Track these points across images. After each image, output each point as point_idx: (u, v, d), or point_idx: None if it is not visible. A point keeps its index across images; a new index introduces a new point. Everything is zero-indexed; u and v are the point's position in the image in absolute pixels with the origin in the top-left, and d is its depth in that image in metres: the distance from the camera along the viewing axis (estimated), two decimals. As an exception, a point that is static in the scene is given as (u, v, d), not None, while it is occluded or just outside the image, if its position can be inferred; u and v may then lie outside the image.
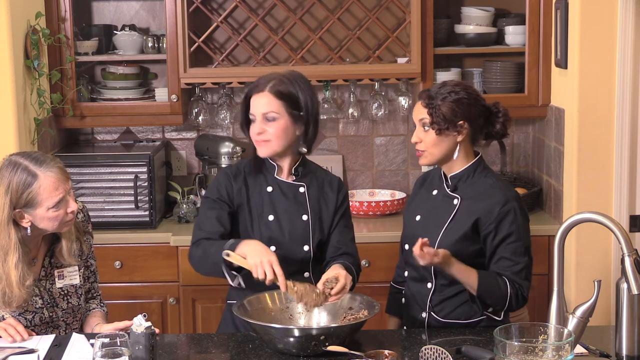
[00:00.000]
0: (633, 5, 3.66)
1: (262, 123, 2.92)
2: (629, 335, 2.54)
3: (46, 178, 2.71)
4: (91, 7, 4.53)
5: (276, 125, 2.92)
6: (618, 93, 3.73)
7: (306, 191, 3.02)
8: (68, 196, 2.76)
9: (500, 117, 2.92)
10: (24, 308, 2.81)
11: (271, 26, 4.43)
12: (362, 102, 4.56)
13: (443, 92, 2.87)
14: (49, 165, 2.74)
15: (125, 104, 4.34)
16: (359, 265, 3.04)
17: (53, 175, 2.72)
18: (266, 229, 2.96)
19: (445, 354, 2.43)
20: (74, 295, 2.93)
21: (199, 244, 2.92)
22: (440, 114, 2.84)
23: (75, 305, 2.93)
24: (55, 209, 2.73)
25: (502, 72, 4.32)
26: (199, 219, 3.02)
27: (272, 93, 2.91)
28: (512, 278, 2.83)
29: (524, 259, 2.85)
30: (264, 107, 2.91)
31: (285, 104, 2.92)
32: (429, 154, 2.90)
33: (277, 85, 2.92)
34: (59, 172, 2.75)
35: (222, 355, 2.73)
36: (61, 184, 2.74)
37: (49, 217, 2.74)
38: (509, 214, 2.83)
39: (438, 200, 2.97)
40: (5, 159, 2.78)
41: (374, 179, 4.67)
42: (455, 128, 2.86)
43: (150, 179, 4.18)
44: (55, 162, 2.76)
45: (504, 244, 2.84)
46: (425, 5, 4.20)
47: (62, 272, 2.90)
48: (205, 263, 2.88)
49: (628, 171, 3.76)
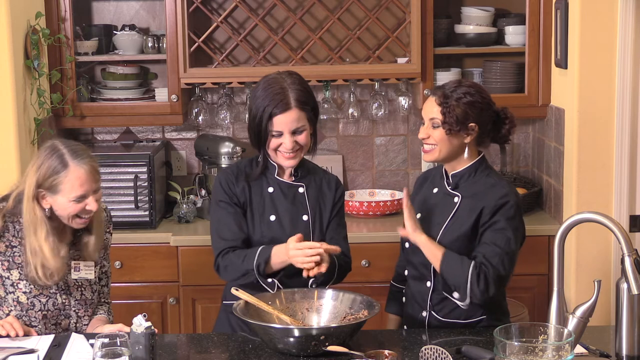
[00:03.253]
0: (633, 5, 3.66)
1: (292, 137, 2.91)
2: (629, 335, 2.54)
3: (75, 171, 2.78)
4: (91, 7, 4.54)
5: (304, 136, 2.94)
6: (618, 93, 3.73)
7: (305, 191, 3.02)
8: (91, 195, 2.82)
9: (507, 123, 2.93)
10: (38, 290, 2.85)
11: (271, 26, 4.43)
12: (362, 102, 4.56)
13: (458, 93, 2.86)
14: (84, 160, 2.81)
15: (125, 104, 4.34)
16: (349, 263, 3.04)
17: (83, 171, 2.79)
18: (268, 230, 2.96)
19: (445, 354, 2.43)
20: (88, 288, 2.97)
21: (224, 256, 2.93)
22: (454, 115, 2.84)
23: (89, 298, 2.97)
24: (75, 202, 2.79)
25: (502, 72, 4.32)
26: (216, 225, 3.00)
27: (298, 108, 2.90)
28: (482, 261, 2.77)
29: (504, 247, 2.79)
30: (294, 124, 2.90)
31: (307, 114, 2.93)
32: (437, 151, 2.89)
33: (300, 98, 2.90)
34: (90, 169, 2.81)
35: (222, 355, 2.73)
36: (88, 182, 2.80)
37: (67, 208, 2.80)
38: (504, 205, 2.82)
39: (439, 198, 2.96)
40: (49, 142, 2.87)
41: (374, 179, 4.67)
42: (466, 130, 2.86)
43: (150, 179, 4.18)
44: (90, 160, 2.83)
45: (490, 230, 2.82)
46: (425, 5, 4.20)
47: (78, 264, 2.94)
48: (235, 275, 2.91)
49: (628, 171, 3.76)
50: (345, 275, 3.02)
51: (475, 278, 2.76)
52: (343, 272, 2.99)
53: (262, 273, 2.85)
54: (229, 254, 2.92)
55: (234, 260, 2.90)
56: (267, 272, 2.86)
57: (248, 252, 2.89)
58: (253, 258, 2.85)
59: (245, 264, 2.86)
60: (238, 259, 2.89)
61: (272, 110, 2.89)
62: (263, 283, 2.88)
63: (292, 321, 2.75)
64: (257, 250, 2.87)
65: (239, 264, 2.88)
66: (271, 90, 2.90)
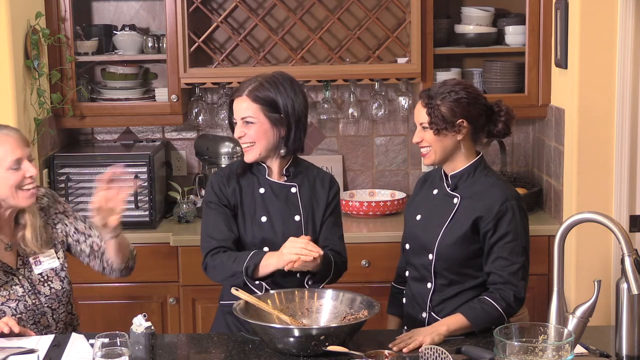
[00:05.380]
0: (633, 5, 3.66)
1: (242, 126, 2.97)
2: (629, 335, 2.54)
3: (5, 138, 2.80)
4: (91, 7, 4.54)
5: (254, 129, 2.96)
6: (618, 93, 3.73)
7: (298, 191, 3.02)
8: (27, 160, 2.83)
9: (502, 115, 2.91)
10: (5, 297, 2.83)
11: (271, 26, 4.43)
12: (362, 102, 4.56)
13: (442, 92, 2.86)
14: (10, 129, 2.86)
15: (125, 104, 4.34)
16: (345, 263, 3.04)
17: (12, 137, 2.82)
18: (259, 231, 2.97)
19: (445, 354, 2.43)
20: (56, 278, 2.95)
21: (214, 255, 2.94)
22: (439, 114, 2.84)
23: (59, 289, 2.94)
24: (14, 170, 2.79)
25: (502, 72, 4.32)
26: (206, 226, 3.02)
27: (250, 98, 2.95)
28: (500, 288, 2.80)
29: (520, 258, 2.83)
30: (243, 112, 2.96)
31: (263, 108, 2.95)
32: (433, 152, 2.89)
33: (255, 90, 2.95)
34: (18, 135, 2.85)
35: (222, 355, 2.73)
36: (19, 147, 2.82)
37: (7, 179, 2.79)
38: (507, 212, 2.83)
39: (438, 199, 2.96)
40: None
41: (374, 179, 4.67)
42: (454, 128, 2.85)
43: (150, 179, 4.18)
44: (16, 130, 2.88)
45: (501, 243, 2.83)
46: (425, 5, 4.20)
47: (37, 257, 2.93)
48: (223, 275, 2.93)
49: (628, 171, 3.76)
50: (341, 275, 3.02)
51: (509, 307, 2.80)
52: (339, 272, 2.99)
53: (250, 275, 2.86)
54: (220, 254, 2.93)
55: (224, 261, 2.91)
56: (255, 275, 2.87)
57: (240, 255, 2.90)
58: (243, 261, 2.86)
59: (235, 266, 2.87)
60: (228, 260, 2.90)
61: (231, 95, 3.03)
62: (251, 285, 2.89)
63: (292, 321, 2.75)
64: (249, 253, 2.88)
65: (228, 265, 2.89)
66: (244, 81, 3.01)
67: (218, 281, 3.00)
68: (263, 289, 2.90)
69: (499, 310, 2.77)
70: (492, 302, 2.78)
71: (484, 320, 2.77)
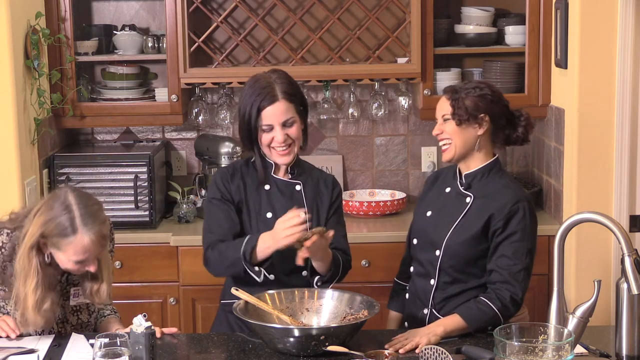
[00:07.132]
0: (633, 5, 3.66)
1: (283, 130, 2.91)
2: (629, 335, 2.54)
3: (82, 239, 2.66)
4: (91, 7, 4.53)
5: (295, 128, 2.94)
6: (618, 93, 3.73)
7: (302, 189, 3.02)
8: (91, 259, 2.72)
9: (522, 121, 2.94)
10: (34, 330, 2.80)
11: (271, 26, 4.43)
12: (362, 102, 4.56)
13: (467, 88, 2.91)
14: (93, 227, 2.67)
15: (125, 104, 4.34)
16: (349, 261, 3.04)
17: (89, 240, 2.67)
18: (264, 227, 2.96)
19: (445, 354, 2.43)
20: (85, 311, 2.92)
21: (213, 248, 2.94)
22: (463, 106, 2.87)
23: (85, 321, 2.92)
24: (75, 263, 2.71)
25: (502, 72, 4.32)
26: (207, 222, 3.02)
27: (286, 99, 2.91)
28: (498, 287, 2.80)
29: (524, 260, 2.83)
30: (282, 116, 2.91)
31: (295, 106, 2.94)
32: (453, 147, 2.90)
33: (286, 90, 2.92)
34: (98, 238, 2.69)
35: (222, 355, 2.73)
36: (92, 250, 2.69)
37: (66, 265, 2.73)
38: (518, 211, 2.83)
39: (451, 197, 2.97)
40: (64, 189, 2.75)
41: (374, 179, 4.67)
42: (476, 120, 2.88)
43: (150, 179, 4.18)
44: (101, 228, 2.70)
45: (507, 242, 2.83)
46: (425, 5, 4.20)
47: (77, 290, 2.88)
48: (223, 266, 2.92)
49: (628, 171, 3.76)
50: (346, 274, 3.02)
51: (505, 308, 2.78)
52: (344, 270, 3.00)
53: (248, 259, 2.83)
54: (218, 245, 2.93)
55: (222, 251, 2.90)
56: (254, 260, 2.85)
57: (235, 242, 2.89)
58: (240, 246, 2.84)
59: (232, 252, 2.86)
60: (226, 250, 2.89)
61: (260, 103, 2.90)
62: (250, 271, 2.85)
63: (292, 321, 2.75)
64: (244, 239, 2.87)
65: (226, 254, 2.88)
66: (258, 85, 2.93)
67: (220, 274, 2.99)
68: (262, 276, 2.87)
69: (494, 310, 2.77)
70: (487, 301, 2.78)
71: (479, 320, 2.77)
